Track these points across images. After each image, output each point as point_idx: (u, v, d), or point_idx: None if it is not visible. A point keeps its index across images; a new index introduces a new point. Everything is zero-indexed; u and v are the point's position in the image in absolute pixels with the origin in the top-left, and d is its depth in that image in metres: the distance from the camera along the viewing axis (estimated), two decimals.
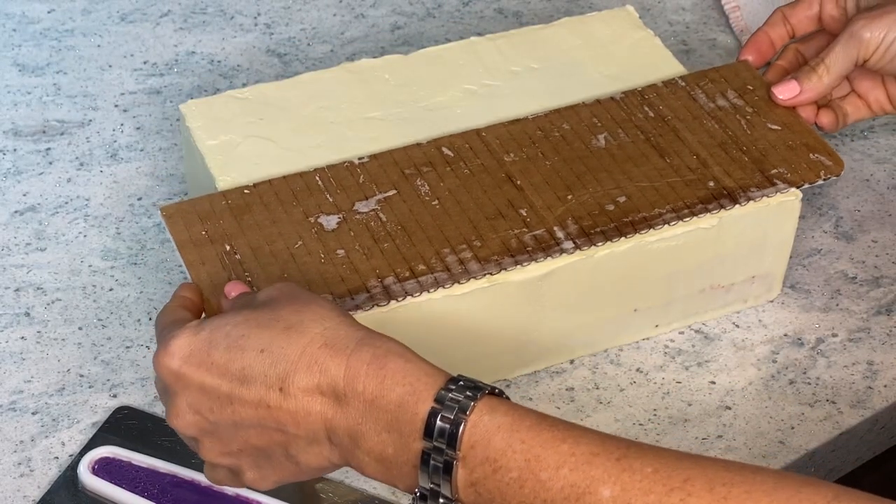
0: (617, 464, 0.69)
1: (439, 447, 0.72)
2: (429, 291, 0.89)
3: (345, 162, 0.96)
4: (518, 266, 0.90)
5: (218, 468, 0.79)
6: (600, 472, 0.69)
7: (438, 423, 0.72)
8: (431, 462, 0.72)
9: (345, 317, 0.77)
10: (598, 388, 0.95)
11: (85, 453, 0.89)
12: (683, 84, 1.02)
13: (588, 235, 0.92)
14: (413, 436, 0.73)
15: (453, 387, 0.73)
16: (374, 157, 0.97)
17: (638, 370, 0.96)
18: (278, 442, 0.76)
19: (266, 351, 0.75)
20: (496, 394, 0.74)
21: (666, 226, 0.93)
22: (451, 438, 0.72)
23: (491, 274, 0.90)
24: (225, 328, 0.76)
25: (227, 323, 0.77)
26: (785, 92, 1.00)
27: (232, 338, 0.76)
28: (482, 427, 0.72)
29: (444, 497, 0.73)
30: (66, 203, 1.07)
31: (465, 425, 0.72)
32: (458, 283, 0.89)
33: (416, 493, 0.73)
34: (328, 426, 0.75)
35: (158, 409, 0.93)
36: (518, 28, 1.09)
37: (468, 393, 0.73)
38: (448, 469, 0.72)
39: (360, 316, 0.88)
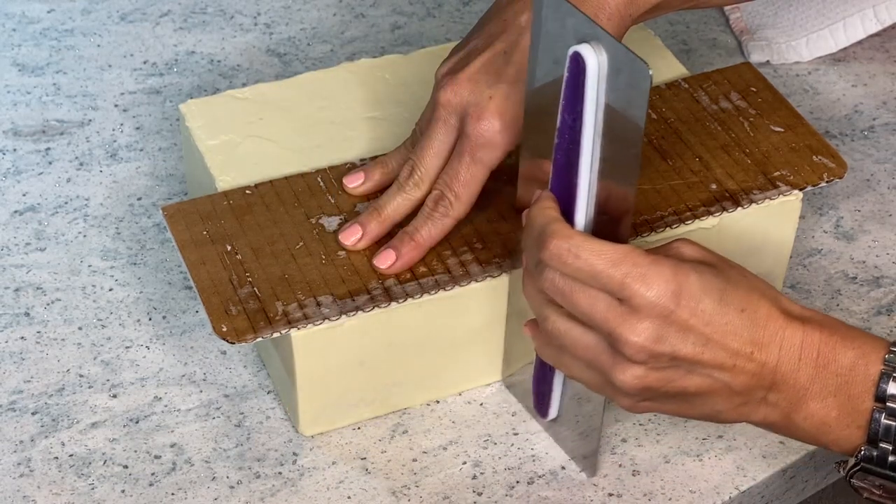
0: None
1: (892, 407, 0.78)
2: (430, 293, 0.89)
3: (346, 163, 0.96)
4: (519, 269, 0.90)
5: (632, 396, 0.80)
6: None
7: (892, 383, 0.78)
8: (883, 421, 0.78)
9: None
10: None
11: None
12: (686, 86, 1.02)
13: None
14: (863, 397, 0.79)
15: None
16: (374, 157, 0.97)
17: None
18: (713, 392, 0.79)
19: (746, 311, 0.78)
20: None
21: (668, 228, 0.93)
22: None
23: (492, 276, 0.90)
24: (707, 276, 0.78)
25: (705, 271, 0.78)
26: (382, 261, 0.90)
27: (718, 291, 0.78)
28: None
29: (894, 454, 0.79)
30: (66, 203, 1.07)
31: None
32: (459, 285, 0.89)
33: (859, 453, 0.79)
34: (773, 388, 0.79)
35: None
36: None
37: None
38: None
39: (361, 317, 0.88)
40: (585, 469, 0.90)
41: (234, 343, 0.86)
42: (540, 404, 0.91)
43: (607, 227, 0.81)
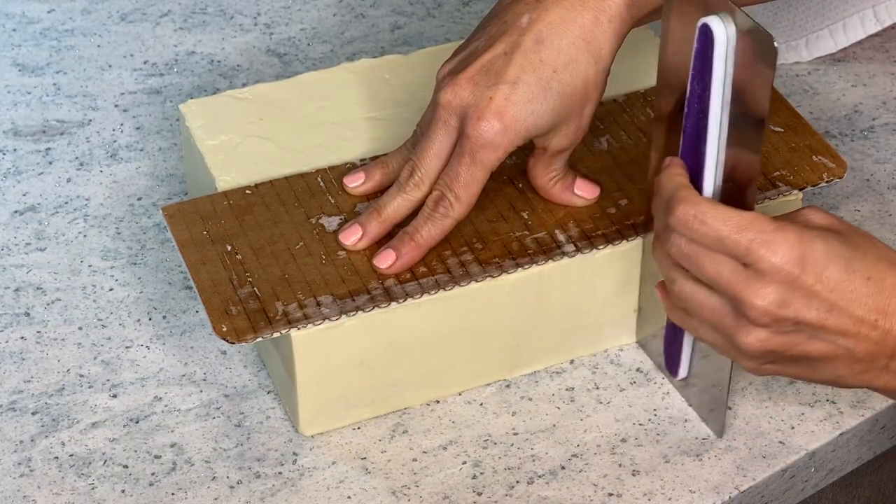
0: None
1: None
2: (429, 293, 0.89)
3: (346, 163, 0.97)
4: (519, 269, 0.90)
5: (755, 358, 0.81)
6: None
7: None
8: None
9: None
10: (598, 388, 0.95)
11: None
12: None
13: (589, 238, 0.92)
14: None
15: None
16: (375, 157, 0.97)
17: (638, 370, 0.96)
18: (835, 358, 0.81)
19: (872, 280, 0.79)
20: None
21: None
22: None
23: (492, 276, 0.90)
24: (833, 243, 0.79)
25: (831, 239, 0.79)
26: (382, 261, 0.90)
27: (844, 258, 0.79)
28: None
29: None
30: (66, 203, 1.07)
31: None
32: (459, 285, 0.89)
33: None
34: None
35: None
36: None
37: None
38: None
39: (361, 317, 0.88)
40: (713, 427, 0.92)
41: (234, 343, 0.86)
42: (670, 364, 0.93)
43: (734, 193, 0.84)
